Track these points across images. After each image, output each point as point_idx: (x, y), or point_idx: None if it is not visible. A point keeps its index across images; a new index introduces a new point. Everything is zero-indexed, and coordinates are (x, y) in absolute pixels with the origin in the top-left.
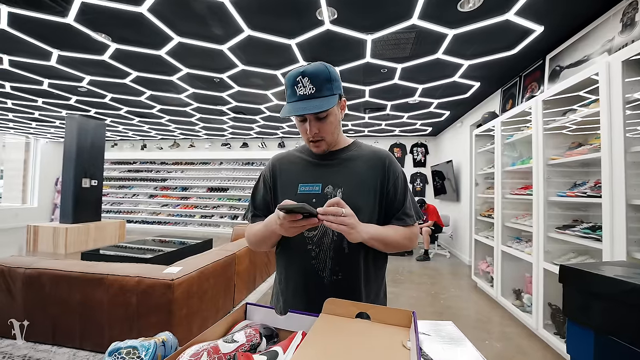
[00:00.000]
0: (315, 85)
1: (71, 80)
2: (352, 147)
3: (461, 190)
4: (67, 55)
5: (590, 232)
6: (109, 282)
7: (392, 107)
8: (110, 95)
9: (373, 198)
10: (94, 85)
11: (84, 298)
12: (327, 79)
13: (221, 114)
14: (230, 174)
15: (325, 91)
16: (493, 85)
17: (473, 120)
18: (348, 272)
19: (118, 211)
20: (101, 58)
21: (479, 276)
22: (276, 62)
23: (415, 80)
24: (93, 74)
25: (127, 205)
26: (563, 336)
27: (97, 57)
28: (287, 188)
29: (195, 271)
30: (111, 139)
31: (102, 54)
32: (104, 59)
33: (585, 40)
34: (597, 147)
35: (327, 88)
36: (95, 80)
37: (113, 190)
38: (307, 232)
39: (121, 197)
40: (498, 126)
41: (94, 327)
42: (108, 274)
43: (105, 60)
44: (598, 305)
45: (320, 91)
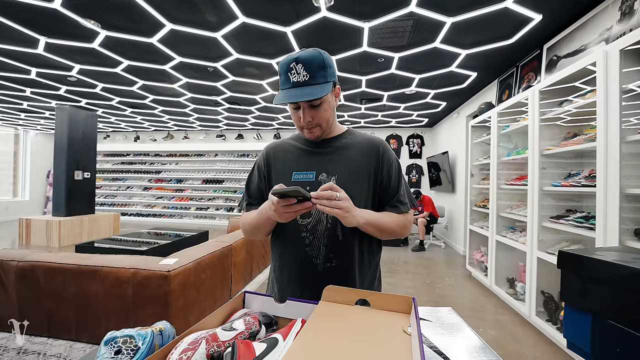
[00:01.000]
0: (309, 72)
1: (60, 69)
2: (346, 135)
3: (457, 181)
4: (55, 42)
5: (584, 221)
6: (104, 274)
7: (388, 97)
8: (101, 85)
9: (367, 185)
10: (84, 74)
11: (79, 290)
12: (321, 65)
13: (216, 104)
14: (225, 166)
15: (319, 78)
16: (490, 76)
17: (469, 111)
18: (342, 259)
19: (112, 204)
20: (91, 46)
21: (474, 266)
22: (271, 50)
23: (412, 70)
24: (83, 62)
25: (121, 198)
26: (555, 323)
27: (87, 44)
28: (281, 176)
29: (191, 262)
30: (103, 130)
31: (91, 41)
32: (94, 46)
33: (583, 29)
34: (592, 137)
35: (320, 75)
36: (85, 70)
37: (106, 182)
38: (301, 220)
39: (115, 189)
40: (494, 117)
41: (90, 319)
42: (103, 266)
43: (95, 48)
44: (597, 290)
45: (313, 78)
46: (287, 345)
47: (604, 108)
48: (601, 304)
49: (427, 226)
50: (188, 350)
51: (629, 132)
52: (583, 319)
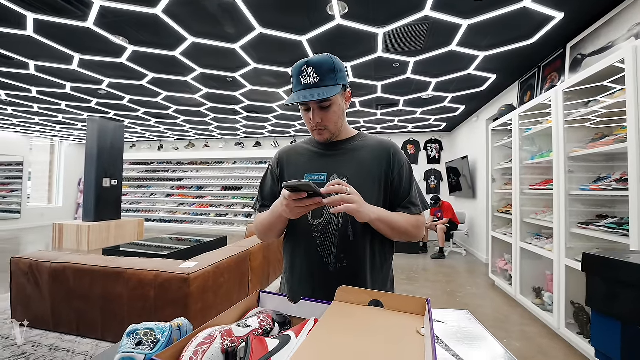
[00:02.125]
0: (319, 74)
1: (91, 83)
2: (357, 138)
3: (477, 187)
4: (88, 58)
5: (616, 227)
6: (128, 276)
7: (405, 102)
8: (129, 97)
9: (378, 187)
10: (112, 87)
11: (105, 291)
12: (331, 69)
13: (234, 113)
14: (243, 173)
15: (328, 81)
16: (510, 77)
17: (489, 114)
18: (353, 259)
19: (137, 210)
20: (119, 60)
21: (497, 274)
22: (287, 59)
23: (428, 74)
24: (112, 76)
25: (146, 204)
26: (587, 336)
27: (116, 59)
28: (293, 178)
29: (210, 266)
30: (130, 140)
31: (120, 56)
32: (122, 61)
33: (610, 25)
34: (622, 138)
35: (330, 78)
36: (114, 83)
37: (132, 189)
38: (313, 220)
39: (140, 196)
40: (516, 119)
41: (114, 320)
42: (127, 268)
43: (123, 63)
44: (626, 294)
45: (323, 80)
46: (300, 342)
47: (634, 107)
48: (630, 309)
49: (447, 233)
50: (203, 344)
51: None
52: (612, 326)
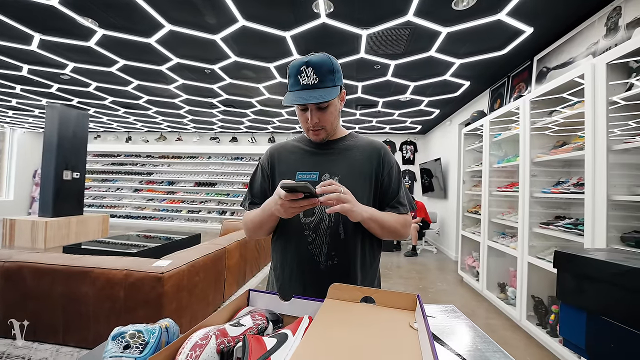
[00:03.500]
0: (319, 75)
1: (53, 66)
2: (349, 138)
3: (449, 188)
4: (50, 39)
5: (573, 227)
6: (95, 276)
7: (383, 104)
8: (95, 84)
9: (368, 186)
10: (77, 72)
11: (68, 292)
12: (330, 70)
13: (211, 106)
14: (218, 169)
15: (327, 82)
16: (482, 85)
17: (462, 119)
18: (344, 257)
19: (101, 205)
20: (87, 44)
21: (465, 271)
22: (270, 54)
23: (407, 78)
24: (77, 61)
25: (111, 199)
26: (545, 327)
27: (83, 43)
28: (285, 176)
29: (185, 265)
30: (94, 130)
31: (88, 40)
32: (90, 45)
33: (572, 42)
34: (580, 146)
35: (329, 79)
36: (80, 68)
37: (96, 183)
38: (304, 218)
39: (104, 190)
40: (486, 125)
41: (78, 322)
42: (95, 267)
43: (92, 47)
44: (591, 288)
45: (323, 82)
46: (297, 339)
47: (592, 118)
48: (595, 301)
49: (419, 232)
50: (198, 346)
51: (615, 142)
52: (578, 317)
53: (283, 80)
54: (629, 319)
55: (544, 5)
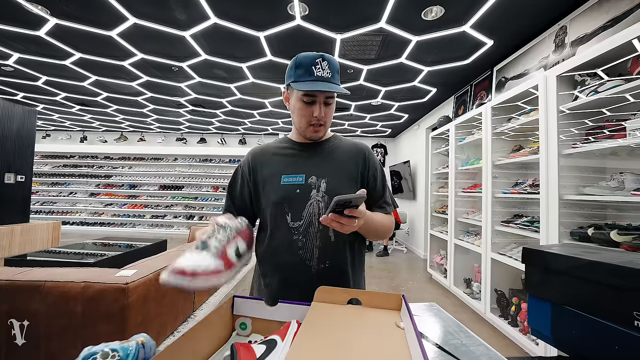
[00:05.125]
0: (332, 71)
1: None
2: (333, 140)
3: (417, 189)
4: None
5: (529, 224)
6: (46, 290)
7: (355, 107)
8: (45, 77)
9: (355, 188)
10: (23, 64)
11: (13, 310)
12: (338, 70)
13: (178, 106)
14: (185, 171)
15: (335, 80)
16: (448, 92)
17: (429, 124)
18: (335, 260)
19: (50, 211)
20: (36, 33)
21: (434, 268)
22: (242, 54)
23: (379, 83)
24: (23, 51)
25: (62, 205)
26: (506, 318)
27: (31, 31)
28: (268, 180)
29: (152, 273)
30: (42, 128)
31: (37, 29)
32: (40, 34)
33: (526, 55)
34: (534, 150)
35: (336, 78)
36: (26, 59)
37: (44, 187)
38: (292, 222)
39: (54, 195)
40: (452, 129)
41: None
42: (45, 281)
43: (41, 37)
44: (555, 280)
45: (333, 78)
46: (287, 345)
47: (545, 125)
48: (559, 292)
49: None
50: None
51: (565, 147)
52: (544, 307)
53: (256, 81)
54: (588, 307)
55: (502, 20)
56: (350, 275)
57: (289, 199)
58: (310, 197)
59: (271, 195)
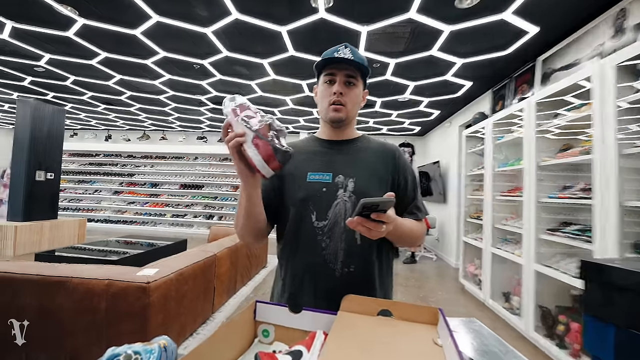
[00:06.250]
0: (354, 56)
1: (27, 57)
2: (362, 139)
3: (448, 192)
4: (24, 28)
5: (580, 233)
6: (73, 286)
7: (381, 104)
8: (73, 77)
9: (384, 190)
10: (54, 65)
11: (41, 304)
12: (362, 60)
13: (199, 104)
14: (206, 170)
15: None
16: (484, 86)
17: (462, 121)
18: (361, 264)
19: (77, 208)
20: (65, 34)
21: (467, 279)
22: (264, 49)
23: (407, 77)
24: (54, 52)
25: (88, 202)
26: (553, 338)
27: (61, 32)
28: (295, 176)
29: (173, 273)
30: (70, 127)
31: (66, 29)
32: (69, 35)
33: (577, 43)
34: (587, 150)
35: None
36: (56, 60)
37: (71, 185)
38: (317, 222)
39: (81, 192)
40: (489, 127)
41: (53, 336)
42: (72, 277)
43: (70, 37)
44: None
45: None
46: (313, 358)
47: (599, 121)
48: (625, 313)
49: None
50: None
51: (625, 146)
52: (606, 330)
53: (277, 77)
54: None
55: (549, 4)
56: (377, 282)
57: (315, 197)
58: (337, 197)
59: (296, 192)
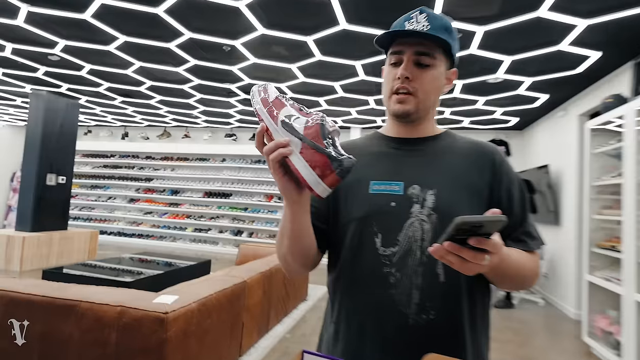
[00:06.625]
0: (431, 24)
1: (41, 45)
2: (445, 137)
3: (563, 209)
4: (39, 11)
5: None
6: (81, 312)
7: (463, 88)
8: (89, 66)
9: (477, 207)
10: (69, 52)
11: (46, 332)
12: (446, 27)
13: (228, 94)
14: (234, 175)
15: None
16: (620, 57)
17: (585, 108)
18: (445, 309)
19: (88, 218)
20: (81, 17)
21: (595, 337)
22: (308, 24)
23: (500, 50)
24: (69, 37)
25: (100, 211)
26: None
27: (77, 15)
28: (352, 187)
29: (195, 302)
30: (84, 124)
31: (83, 11)
32: (85, 18)
33: None
34: None
35: (439, 33)
36: (72, 47)
37: (83, 190)
38: (384, 249)
39: (93, 200)
40: (631, 116)
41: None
42: (81, 300)
43: (87, 20)
44: None
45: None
46: None
47: None
48: None
49: None
50: None
51: None
52: None
53: (324, 58)
54: None
55: None
56: (467, 336)
57: (380, 214)
58: (410, 215)
59: (354, 208)
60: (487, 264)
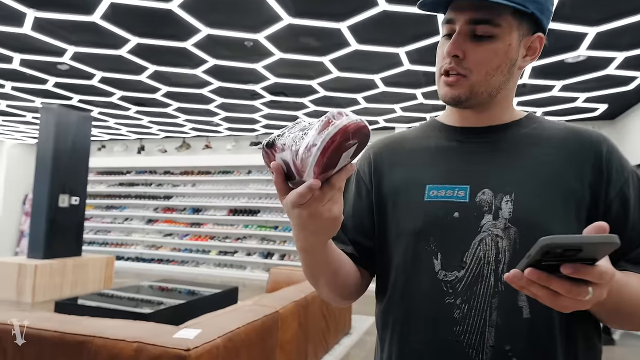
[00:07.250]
0: None
1: (50, 53)
2: (527, 124)
3: None
4: (46, 17)
5: None
6: (95, 348)
7: (532, 71)
8: (100, 74)
9: (573, 216)
10: (78, 60)
11: None
12: None
13: (253, 96)
14: (262, 188)
15: None
16: None
17: None
18: (531, 355)
19: (104, 242)
20: (90, 19)
21: None
22: (342, 9)
23: (580, 20)
24: (78, 43)
25: (116, 235)
26: None
27: (85, 17)
28: (403, 193)
29: (220, 337)
30: (98, 138)
31: (91, 12)
32: (94, 20)
33: None
34: None
35: None
36: (81, 53)
37: (98, 212)
38: (445, 273)
39: (109, 222)
40: None
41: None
42: (95, 336)
43: (96, 22)
44: None
45: None
46: None
47: None
48: None
49: None
50: None
51: None
52: None
53: (361, 47)
54: None
55: None
56: None
57: (439, 228)
58: (480, 228)
59: (406, 220)
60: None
